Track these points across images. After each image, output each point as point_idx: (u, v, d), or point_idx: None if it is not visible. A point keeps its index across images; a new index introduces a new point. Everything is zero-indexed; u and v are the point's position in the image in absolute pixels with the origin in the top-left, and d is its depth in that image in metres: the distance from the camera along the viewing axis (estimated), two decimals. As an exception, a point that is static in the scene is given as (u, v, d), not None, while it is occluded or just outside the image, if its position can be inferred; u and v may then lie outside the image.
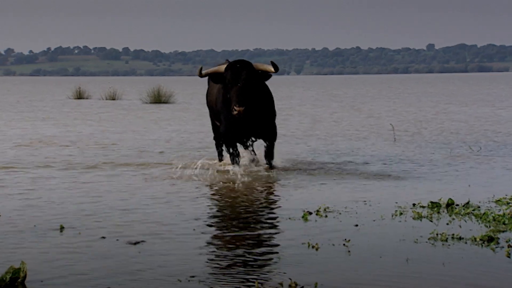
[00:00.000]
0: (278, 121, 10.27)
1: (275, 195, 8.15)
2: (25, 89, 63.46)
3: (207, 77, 9.64)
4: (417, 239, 5.91)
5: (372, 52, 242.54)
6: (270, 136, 9.68)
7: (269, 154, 9.83)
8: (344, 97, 40.50)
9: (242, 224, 6.52)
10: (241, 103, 8.65)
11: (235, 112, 8.66)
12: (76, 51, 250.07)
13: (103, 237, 5.91)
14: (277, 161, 10.26)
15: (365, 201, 7.73)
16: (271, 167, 9.80)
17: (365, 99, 37.60)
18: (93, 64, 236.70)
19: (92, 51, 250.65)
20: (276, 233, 6.14)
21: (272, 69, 9.07)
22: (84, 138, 14.88)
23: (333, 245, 5.71)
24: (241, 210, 7.21)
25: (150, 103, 30.83)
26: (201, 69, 9.31)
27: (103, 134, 16.01)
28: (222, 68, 9.11)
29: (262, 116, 9.35)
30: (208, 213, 7.11)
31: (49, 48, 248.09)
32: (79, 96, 37.03)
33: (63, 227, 6.24)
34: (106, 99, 34.98)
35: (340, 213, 7.04)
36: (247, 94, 8.80)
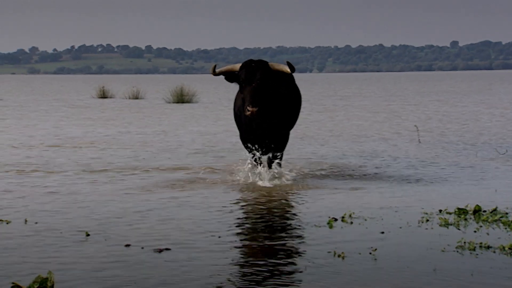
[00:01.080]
0: (300, 120, 10.13)
1: (299, 201, 8.10)
2: (49, 88, 63.92)
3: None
4: (444, 248, 5.84)
5: (395, 49, 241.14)
6: (279, 144, 9.17)
7: (276, 158, 9.29)
8: (367, 95, 40.30)
9: (267, 231, 6.49)
10: (255, 103, 8.37)
11: (248, 113, 8.40)
12: (99, 49, 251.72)
13: (128, 245, 5.91)
14: (302, 166, 10.18)
15: (390, 207, 7.67)
16: (278, 175, 9.23)
17: (388, 97, 37.38)
18: (116, 62, 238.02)
19: (115, 49, 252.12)
20: (302, 241, 6.10)
21: (288, 70, 8.73)
22: (111, 139, 14.91)
23: (360, 254, 5.66)
24: (266, 217, 7.18)
25: (173, 102, 30.90)
26: (214, 67, 9.00)
27: (130, 135, 16.04)
28: (237, 67, 8.83)
29: (280, 119, 9.01)
30: (233, 220, 7.08)
31: (73, 46, 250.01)
32: (103, 95, 37.24)
33: (89, 234, 6.26)
34: (130, 98, 35.13)
35: (365, 220, 6.98)
36: (262, 95, 8.51)
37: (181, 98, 31.24)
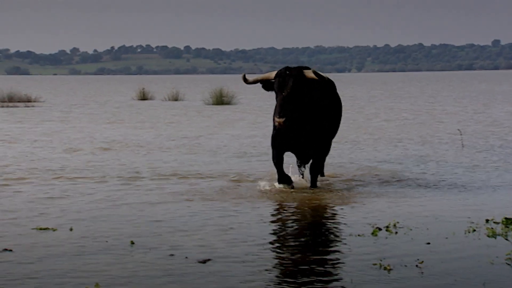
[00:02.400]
0: (342, 123, 10.00)
1: (341, 209, 8.03)
2: (90, 89, 64.68)
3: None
4: (493, 260, 5.73)
5: (435, 48, 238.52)
6: (319, 151, 8.97)
7: (314, 169, 9.03)
8: (407, 96, 39.88)
9: (310, 241, 6.44)
10: (281, 113, 8.14)
11: (276, 124, 8.27)
12: (139, 50, 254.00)
13: (172, 255, 5.92)
14: (344, 172, 10.08)
15: (435, 215, 7.56)
16: (312, 185, 9.06)
17: (428, 98, 36.95)
18: (155, 62, 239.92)
19: (155, 49, 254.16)
20: (346, 252, 6.04)
21: (315, 77, 8.44)
22: (154, 143, 14.96)
23: (406, 266, 5.58)
24: (308, 226, 7.13)
25: (213, 104, 30.99)
26: (244, 76, 8.83)
27: (172, 139, 16.11)
28: (273, 74, 8.66)
29: (317, 128, 8.77)
30: (273, 230, 7.03)
31: (112, 47, 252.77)
32: (143, 97, 37.54)
33: (133, 243, 6.28)
34: (169, 100, 35.34)
35: (410, 229, 6.89)
36: (290, 105, 8.26)
37: (221, 99, 31.30)
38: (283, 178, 8.93)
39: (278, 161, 8.87)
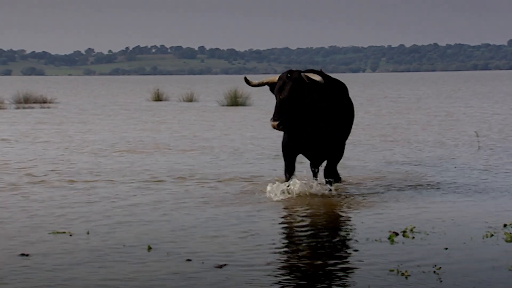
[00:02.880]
0: (356, 125, 9.93)
1: (357, 214, 7.97)
2: (105, 90, 64.91)
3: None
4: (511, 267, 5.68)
5: (450, 48, 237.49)
6: (332, 155, 8.93)
7: (328, 173, 9.02)
8: (422, 96, 39.72)
9: (326, 247, 6.41)
10: (276, 117, 8.11)
11: (271, 126, 8.25)
12: (153, 50, 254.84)
13: (189, 260, 5.92)
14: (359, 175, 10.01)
15: (453, 220, 7.51)
16: (327, 188, 8.99)
17: (443, 99, 36.77)
18: (169, 63, 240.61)
19: (169, 50, 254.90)
20: (363, 257, 6.00)
21: (320, 79, 8.32)
22: (170, 145, 14.96)
23: (423, 272, 5.54)
24: (324, 231, 7.10)
25: (227, 105, 30.99)
26: (246, 78, 8.81)
27: (189, 140, 16.11)
28: (277, 78, 8.64)
29: (325, 131, 8.70)
30: (289, 235, 7.00)
31: (127, 48, 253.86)
32: (158, 98, 37.63)
33: (151, 247, 6.28)
34: (184, 101, 35.40)
35: (427, 234, 6.84)
36: (286, 108, 8.18)
37: (235, 100, 31.29)
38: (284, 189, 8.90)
39: (288, 170, 8.89)
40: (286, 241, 6.65)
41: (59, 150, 14.11)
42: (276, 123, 8.12)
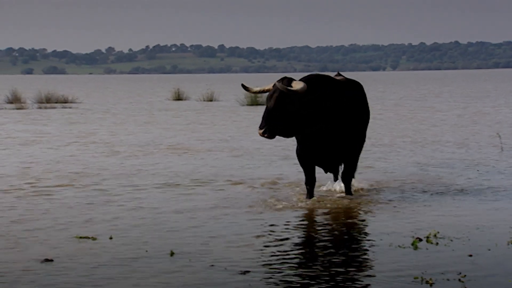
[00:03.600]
0: (372, 123, 9.79)
1: (380, 218, 7.92)
2: (125, 89, 65.16)
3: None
4: (537, 274, 5.61)
5: (472, 46, 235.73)
6: (346, 159, 8.86)
7: (346, 176, 8.98)
8: (443, 96, 39.41)
9: (349, 253, 6.38)
10: (262, 125, 8.14)
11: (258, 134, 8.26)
12: (173, 49, 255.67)
13: (212, 265, 5.91)
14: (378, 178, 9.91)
15: (476, 225, 7.43)
16: (346, 191, 9.04)
17: (464, 98, 36.48)
18: (189, 61, 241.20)
19: (189, 48, 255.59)
20: (386, 264, 5.96)
21: (299, 88, 8.20)
22: (193, 146, 14.94)
23: (448, 280, 5.49)
24: (346, 237, 7.06)
25: (248, 105, 30.97)
26: (243, 85, 8.76)
27: (212, 141, 16.11)
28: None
29: (334, 135, 8.59)
30: (311, 240, 6.97)
31: (147, 46, 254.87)
32: (178, 97, 37.72)
33: (173, 253, 6.28)
34: (204, 100, 35.45)
35: (451, 240, 6.79)
36: (272, 116, 8.13)
37: (255, 100, 31.27)
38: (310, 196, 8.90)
39: (308, 181, 8.83)
40: (307, 247, 6.62)
41: (81, 151, 14.17)
42: (261, 131, 8.17)
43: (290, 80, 8.39)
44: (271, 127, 8.15)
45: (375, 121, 20.05)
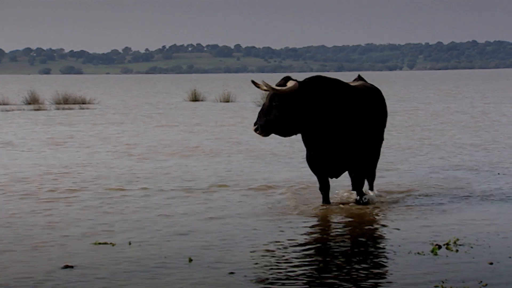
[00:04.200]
0: (389, 126, 9.72)
1: (398, 225, 7.85)
2: (142, 89, 65.34)
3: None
4: (560, 284, 5.55)
5: (490, 45, 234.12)
6: (355, 165, 8.66)
7: (356, 183, 8.82)
8: (461, 96, 39.17)
9: (368, 260, 6.34)
10: (255, 122, 8.27)
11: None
12: (189, 49, 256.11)
13: (232, 273, 5.91)
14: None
15: (497, 231, 7.37)
16: (356, 200, 8.81)
17: (482, 98, 36.22)
18: (206, 61, 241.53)
19: (205, 48, 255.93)
20: (406, 272, 5.92)
21: (279, 89, 8.17)
22: (213, 149, 14.94)
23: (468, 289, 5.46)
24: (364, 244, 7.02)
25: (264, 106, 30.93)
26: (253, 81, 8.70)
27: (231, 143, 16.10)
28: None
29: (344, 145, 8.44)
30: (327, 248, 6.91)
31: (164, 46, 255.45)
32: (195, 98, 37.78)
33: (192, 259, 6.29)
34: (221, 101, 35.49)
35: (471, 247, 6.74)
36: (264, 114, 8.18)
37: (272, 101, 31.23)
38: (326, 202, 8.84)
39: (322, 187, 8.77)
40: (326, 255, 6.59)
41: (99, 154, 14.22)
42: (254, 127, 8.30)
43: (287, 80, 8.38)
44: (263, 124, 8.24)
45: (393, 122, 19.96)
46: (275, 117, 8.20)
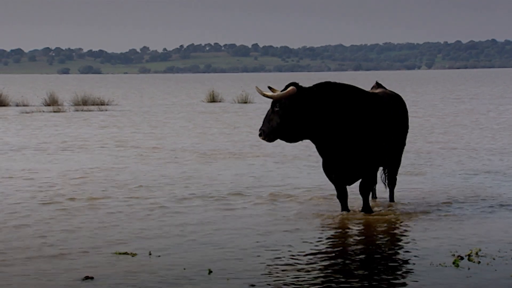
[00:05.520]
0: (413, 130, 9.65)
1: (417, 235, 7.78)
2: (159, 90, 65.46)
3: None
4: None
5: (509, 44, 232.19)
6: (363, 171, 8.55)
7: (363, 190, 8.70)
8: (479, 97, 38.83)
9: (385, 272, 6.29)
10: (260, 128, 8.33)
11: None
12: (207, 48, 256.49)
13: (253, 285, 5.88)
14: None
15: (519, 243, 7.29)
16: (363, 209, 8.73)
17: (502, 99, 35.87)
18: (223, 60, 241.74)
19: (223, 47, 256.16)
20: (428, 285, 5.87)
21: (269, 94, 8.19)
22: (236, 151, 14.88)
23: (491, 304, 5.39)
24: (383, 255, 6.96)
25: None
26: (257, 88, 8.59)
27: (253, 147, 16.06)
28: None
29: (355, 149, 8.34)
30: (344, 259, 6.84)
31: (181, 46, 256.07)
32: (212, 99, 37.81)
33: (211, 271, 6.26)
34: (239, 103, 35.48)
35: (493, 259, 6.66)
36: (268, 120, 8.23)
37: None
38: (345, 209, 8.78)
39: (340, 195, 8.70)
40: (345, 265, 6.54)
41: (116, 157, 14.22)
42: (259, 132, 8.38)
43: (289, 86, 8.36)
44: (266, 130, 8.28)
45: (417, 124, 19.81)
46: (276, 123, 8.28)
